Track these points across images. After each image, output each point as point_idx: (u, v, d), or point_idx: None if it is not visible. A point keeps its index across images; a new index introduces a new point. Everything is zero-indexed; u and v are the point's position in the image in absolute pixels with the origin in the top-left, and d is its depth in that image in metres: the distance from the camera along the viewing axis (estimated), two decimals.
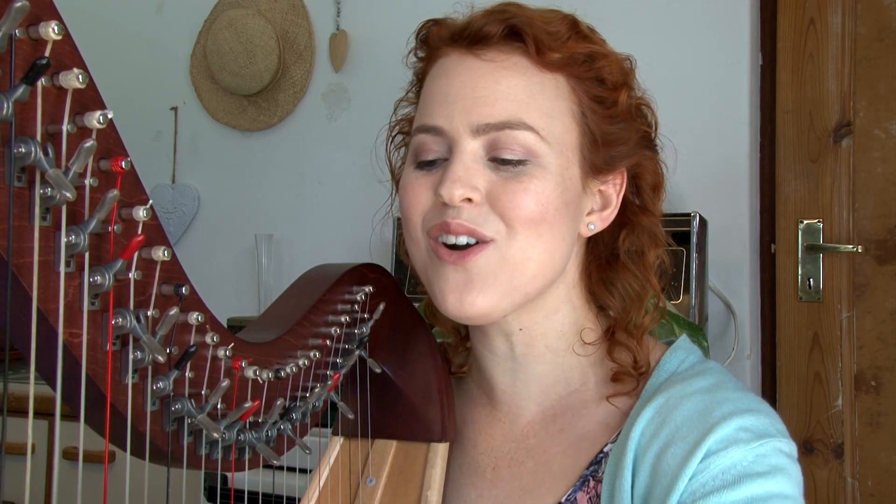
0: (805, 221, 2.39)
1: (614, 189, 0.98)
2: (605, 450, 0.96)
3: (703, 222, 2.15)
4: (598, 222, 0.98)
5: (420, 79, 1.01)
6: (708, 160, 2.39)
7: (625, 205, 1.00)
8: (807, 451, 2.35)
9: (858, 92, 2.37)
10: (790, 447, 0.90)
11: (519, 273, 0.91)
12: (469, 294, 0.91)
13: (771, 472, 0.85)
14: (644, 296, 1.00)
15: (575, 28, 0.95)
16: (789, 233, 2.41)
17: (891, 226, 2.33)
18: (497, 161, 0.91)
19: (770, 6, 2.47)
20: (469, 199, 0.90)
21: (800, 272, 2.39)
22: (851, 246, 2.33)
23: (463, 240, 0.90)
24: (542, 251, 0.92)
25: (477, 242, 0.90)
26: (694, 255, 2.11)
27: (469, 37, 0.93)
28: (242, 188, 3.10)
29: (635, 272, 1.00)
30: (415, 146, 0.95)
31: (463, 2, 1.01)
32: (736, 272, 2.42)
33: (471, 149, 0.91)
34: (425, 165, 0.94)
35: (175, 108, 3.20)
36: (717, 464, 0.85)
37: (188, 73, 3.17)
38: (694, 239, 2.11)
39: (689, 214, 2.12)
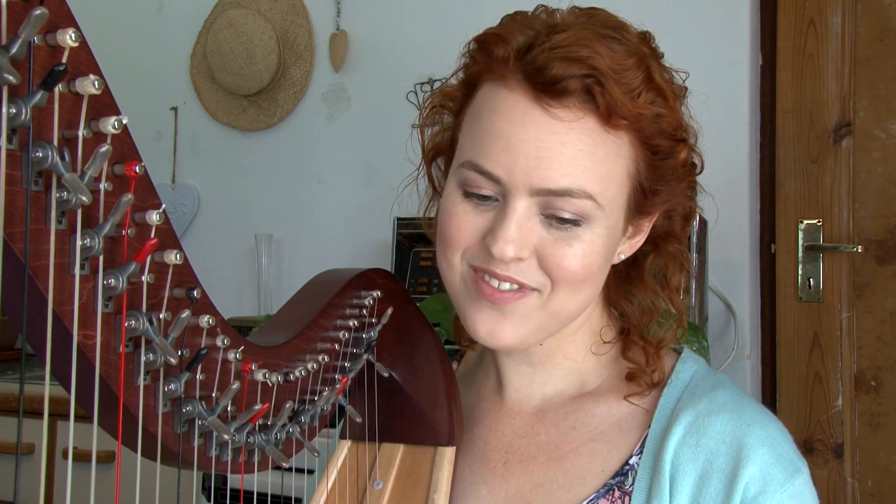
0: (805, 221, 2.40)
1: (648, 220, 0.99)
2: (630, 462, 0.97)
3: (703, 222, 2.15)
4: (627, 250, 0.99)
5: (473, 81, 0.95)
6: (708, 160, 2.38)
7: (654, 230, 1.00)
8: (807, 451, 2.35)
9: (858, 92, 2.37)
10: (807, 470, 0.95)
11: (553, 319, 0.94)
12: (501, 329, 0.93)
13: None
14: (660, 308, 1.02)
15: (649, 79, 0.91)
16: (789, 233, 2.41)
17: (891, 226, 2.33)
18: (550, 218, 0.89)
19: (770, 6, 2.47)
20: (518, 258, 0.90)
21: (800, 272, 2.39)
22: (851, 246, 2.34)
23: (506, 286, 0.91)
24: (578, 302, 0.94)
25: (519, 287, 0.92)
26: (694, 255, 2.12)
27: (543, 83, 0.87)
28: (242, 188, 3.10)
29: (658, 291, 1.02)
30: (464, 178, 0.92)
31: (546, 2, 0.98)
32: (736, 272, 2.42)
33: (526, 206, 0.89)
34: (474, 197, 0.92)
35: (175, 108, 3.20)
36: None
37: (188, 73, 3.17)
38: (694, 239, 2.12)
39: None
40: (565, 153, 0.87)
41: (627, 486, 0.96)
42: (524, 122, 0.88)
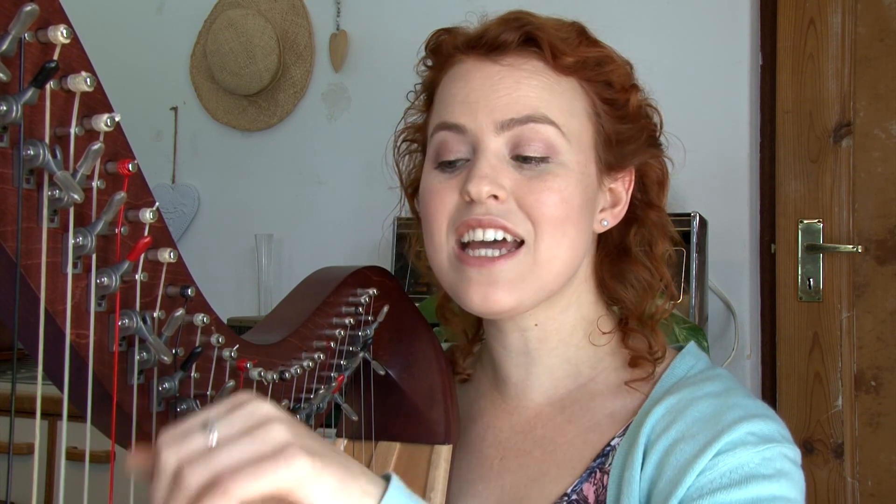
0: (805, 221, 2.39)
1: (624, 187, 1.02)
2: (612, 443, 0.98)
3: (703, 222, 2.15)
4: (609, 219, 1.01)
5: (431, 87, 1.03)
6: (708, 160, 2.39)
7: (632, 202, 1.03)
8: (807, 451, 2.35)
9: (858, 92, 2.37)
10: (795, 453, 0.93)
11: (545, 272, 0.94)
12: (495, 292, 0.93)
13: (776, 476, 0.88)
14: (655, 286, 1.03)
15: (584, 34, 0.99)
16: (789, 233, 2.41)
17: (891, 226, 2.33)
18: (520, 159, 0.94)
19: (770, 6, 2.47)
20: (495, 197, 0.92)
21: (800, 272, 2.39)
22: (851, 246, 2.33)
23: (490, 234, 0.92)
24: (566, 248, 0.95)
25: (504, 239, 0.93)
26: (694, 255, 2.11)
27: (486, 45, 0.96)
28: (242, 188, 3.09)
29: (647, 264, 1.03)
30: (435, 145, 0.98)
31: (474, 11, 1.04)
32: (736, 272, 2.42)
33: (494, 147, 0.94)
34: (447, 167, 0.96)
35: (175, 108, 3.20)
36: (726, 463, 0.88)
37: (188, 73, 3.17)
38: (694, 239, 2.12)
39: (689, 214, 2.12)
40: (522, 88, 0.94)
41: (607, 466, 0.96)
42: (478, 76, 0.96)
